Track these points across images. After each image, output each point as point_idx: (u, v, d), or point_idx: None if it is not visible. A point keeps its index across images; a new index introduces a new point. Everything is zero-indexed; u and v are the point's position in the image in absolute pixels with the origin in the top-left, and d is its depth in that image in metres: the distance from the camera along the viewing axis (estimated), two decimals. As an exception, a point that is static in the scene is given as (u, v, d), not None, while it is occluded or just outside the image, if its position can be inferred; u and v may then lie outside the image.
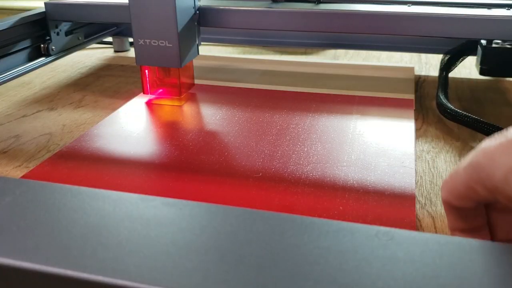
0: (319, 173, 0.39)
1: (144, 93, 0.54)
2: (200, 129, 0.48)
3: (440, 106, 0.50)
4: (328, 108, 0.53)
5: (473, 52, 0.60)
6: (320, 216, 0.34)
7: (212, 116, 0.51)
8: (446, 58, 0.61)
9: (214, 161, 0.42)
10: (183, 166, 0.41)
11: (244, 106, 0.54)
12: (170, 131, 0.48)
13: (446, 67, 0.60)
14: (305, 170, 0.40)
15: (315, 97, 0.56)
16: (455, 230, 0.27)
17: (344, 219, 0.33)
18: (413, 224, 0.33)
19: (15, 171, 0.42)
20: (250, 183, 0.38)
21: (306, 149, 0.43)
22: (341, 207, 0.35)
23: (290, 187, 0.37)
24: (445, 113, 0.49)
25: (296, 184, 0.38)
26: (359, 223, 0.22)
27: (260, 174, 0.39)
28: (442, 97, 0.51)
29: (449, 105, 0.49)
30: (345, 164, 0.41)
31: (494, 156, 0.23)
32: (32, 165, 0.42)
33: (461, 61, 0.62)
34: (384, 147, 0.43)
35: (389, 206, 0.35)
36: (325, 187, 0.37)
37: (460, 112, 0.47)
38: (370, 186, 0.37)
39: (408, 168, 0.39)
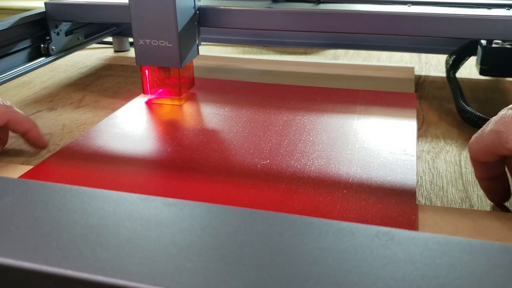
0: (324, 159, 0.41)
1: (144, 93, 0.54)
2: (208, 122, 0.49)
3: (462, 112, 0.50)
4: (333, 101, 0.54)
5: (476, 52, 0.60)
6: (324, 198, 0.36)
7: (218, 109, 0.52)
8: (452, 58, 0.61)
9: (224, 149, 0.43)
10: (193, 156, 0.42)
11: (249, 100, 0.54)
12: (175, 127, 0.48)
13: (453, 67, 0.60)
14: (311, 157, 0.41)
15: (320, 91, 0.58)
16: (481, 179, 0.35)
17: (347, 202, 0.35)
18: (414, 206, 0.34)
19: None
20: (258, 169, 0.40)
21: (311, 138, 0.45)
22: (345, 191, 0.36)
23: (297, 172, 0.39)
24: (469, 120, 0.49)
25: (302, 169, 0.39)
26: (359, 223, 0.23)
27: (268, 161, 0.41)
28: (463, 102, 0.51)
29: (475, 112, 0.48)
30: (349, 152, 0.42)
31: (509, 125, 0.30)
32: (32, 165, 0.42)
33: (465, 61, 0.61)
34: (387, 136, 0.45)
35: (391, 190, 0.36)
36: (330, 172, 0.39)
37: (485, 118, 0.46)
38: (373, 172, 0.39)
39: (410, 156, 0.41)
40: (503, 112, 0.31)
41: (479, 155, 0.33)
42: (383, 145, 0.44)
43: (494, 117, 0.32)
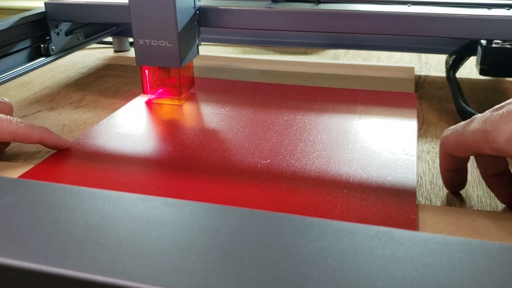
0: (324, 159, 0.41)
1: (144, 93, 0.54)
2: (208, 121, 0.49)
3: (463, 112, 0.50)
4: (333, 100, 0.54)
5: (476, 52, 0.60)
6: (325, 197, 0.36)
7: (219, 109, 0.52)
8: (451, 59, 0.61)
9: (224, 149, 0.43)
10: (194, 155, 0.42)
11: (250, 100, 0.54)
12: (175, 126, 0.48)
13: (453, 67, 0.60)
14: (312, 156, 0.42)
15: (320, 91, 0.58)
16: (445, 170, 0.36)
17: (348, 201, 0.35)
18: (414, 206, 0.35)
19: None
20: (259, 169, 0.40)
21: (312, 138, 0.45)
22: (345, 190, 0.37)
23: (297, 171, 0.39)
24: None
25: (303, 169, 0.40)
26: (359, 223, 0.23)
27: (269, 161, 0.41)
28: (463, 103, 0.51)
29: (475, 112, 0.48)
30: (349, 152, 0.42)
31: (498, 124, 0.29)
32: (32, 165, 0.42)
33: (465, 61, 0.61)
34: (387, 136, 0.46)
35: (391, 190, 0.37)
36: (330, 172, 0.39)
37: None
38: (373, 172, 0.39)
39: (410, 155, 0.42)
40: (489, 112, 0.31)
41: (454, 150, 0.34)
42: (384, 144, 0.44)
43: (478, 116, 0.32)
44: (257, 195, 0.36)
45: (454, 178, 0.37)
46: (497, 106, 0.31)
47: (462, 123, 0.34)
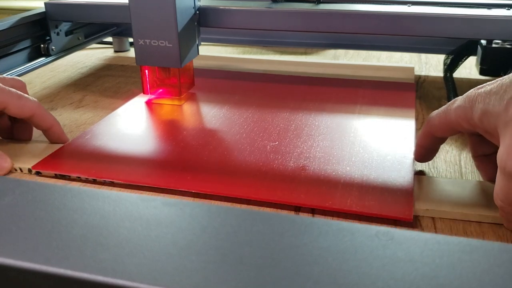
0: (328, 141, 0.44)
1: (144, 93, 0.54)
2: (210, 120, 0.50)
3: None
4: (337, 90, 0.58)
5: (475, 52, 0.60)
6: (329, 174, 0.39)
7: (220, 109, 0.52)
8: (449, 58, 0.61)
9: (235, 133, 0.46)
10: (195, 154, 0.43)
11: (251, 98, 0.55)
12: (175, 126, 0.49)
13: (450, 67, 0.60)
14: (317, 139, 0.45)
15: (324, 81, 0.61)
16: (421, 147, 0.39)
17: (351, 178, 0.38)
18: (411, 187, 0.37)
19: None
20: (268, 150, 0.43)
21: (317, 123, 0.48)
22: (348, 168, 0.40)
23: (304, 152, 0.43)
24: None
25: (309, 150, 0.43)
26: (359, 223, 0.23)
27: (277, 143, 0.44)
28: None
29: None
30: (352, 134, 0.46)
31: (475, 102, 0.33)
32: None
33: (463, 61, 0.62)
34: (387, 120, 0.49)
35: (389, 168, 0.40)
36: (334, 152, 0.43)
37: None
38: (374, 152, 0.42)
39: (409, 140, 0.45)
40: (470, 91, 0.34)
41: (438, 129, 0.36)
42: (383, 128, 0.47)
43: (460, 96, 0.35)
44: (267, 171, 0.39)
45: (426, 154, 0.40)
46: (479, 86, 0.34)
47: (446, 104, 0.36)
